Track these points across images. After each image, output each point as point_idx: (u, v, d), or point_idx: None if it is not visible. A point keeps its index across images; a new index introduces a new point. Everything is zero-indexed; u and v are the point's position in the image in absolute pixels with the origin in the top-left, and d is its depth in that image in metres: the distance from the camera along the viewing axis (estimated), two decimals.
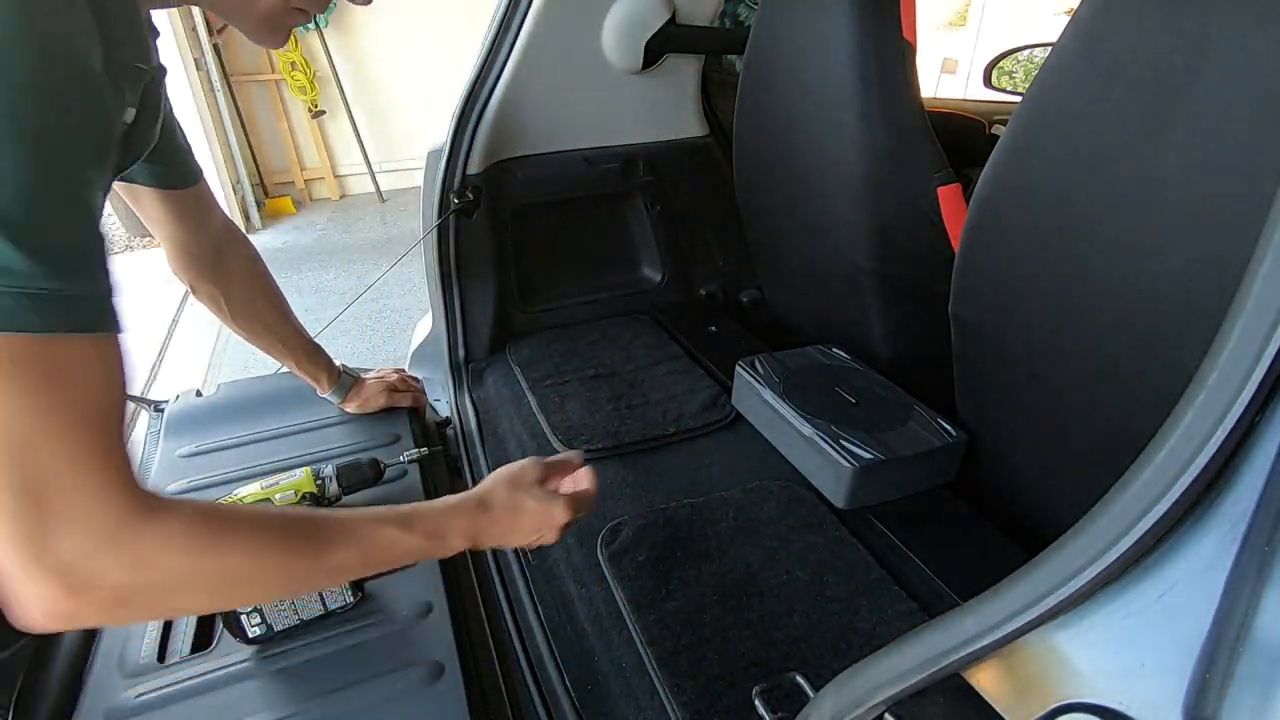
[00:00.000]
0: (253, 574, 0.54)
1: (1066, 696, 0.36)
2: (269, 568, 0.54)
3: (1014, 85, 1.93)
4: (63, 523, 0.44)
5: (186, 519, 0.49)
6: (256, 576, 0.54)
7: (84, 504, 0.44)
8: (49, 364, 0.42)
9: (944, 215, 1.10)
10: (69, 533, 0.44)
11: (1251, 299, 0.30)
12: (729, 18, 1.74)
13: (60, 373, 0.43)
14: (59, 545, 0.43)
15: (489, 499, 0.72)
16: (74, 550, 0.44)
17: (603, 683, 0.81)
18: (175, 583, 0.49)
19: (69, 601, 0.44)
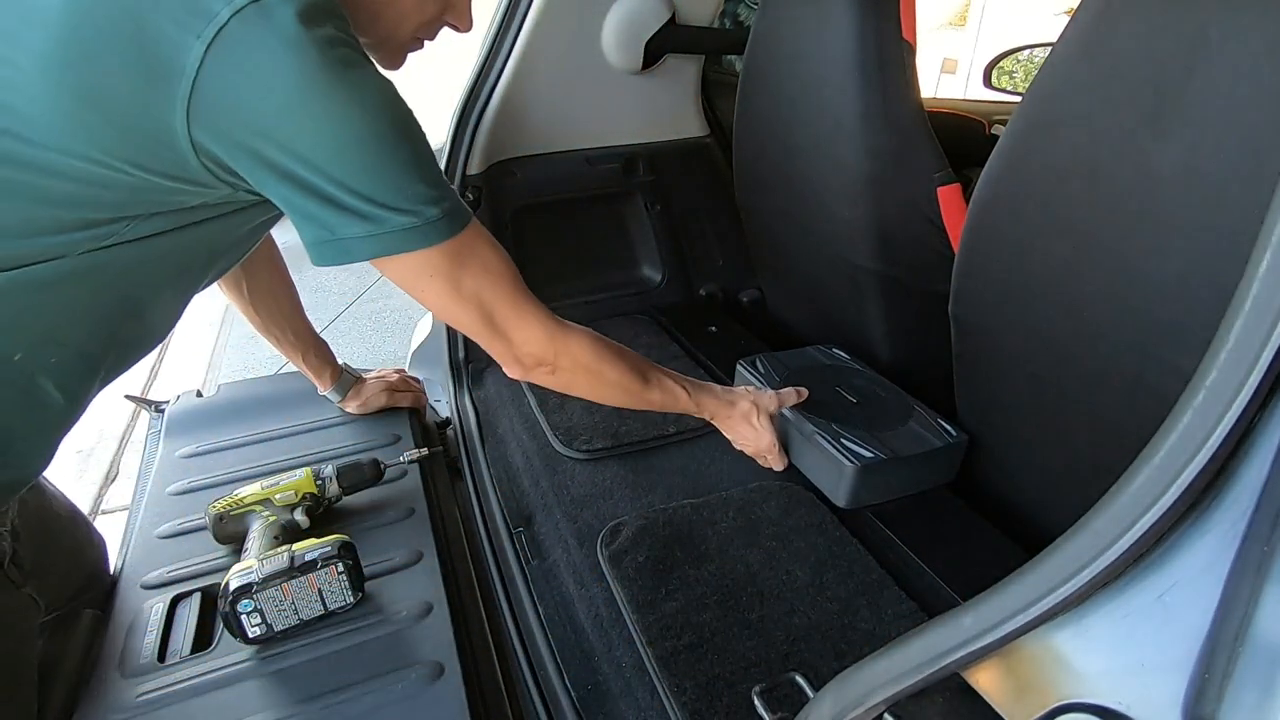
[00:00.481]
0: (614, 381, 0.86)
1: (1066, 696, 0.36)
2: (618, 382, 0.87)
3: (1014, 85, 1.93)
4: (517, 332, 0.75)
5: (587, 335, 0.83)
6: (616, 384, 0.86)
7: (526, 321, 0.75)
8: (472, 247, 0.69)
9: (944, 215, 1.10)
10: (522, 337, 0.76)
11: (1250, 299, 0.30)
12: (729, 18, 1.74)
13: (476, 251, 0.69)
14: (522, 347, 0.76)
15: (737, 404, 1.01)
16: (526, 346, 0.76)
17: (602, 683, 0.82)
18: (580, 371, 0.82)
19: (532, 374, 0.80)
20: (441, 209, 0.64)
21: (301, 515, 0.95)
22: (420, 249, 0.64)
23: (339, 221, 0.60)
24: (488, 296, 0.71)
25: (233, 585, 0.79)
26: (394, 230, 0.61)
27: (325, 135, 0.57)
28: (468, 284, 0.69)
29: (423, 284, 0.68)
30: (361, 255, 0.62)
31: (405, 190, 0.61)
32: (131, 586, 0.91)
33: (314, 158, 0.57)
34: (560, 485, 1.09)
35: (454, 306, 0.70)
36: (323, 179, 0.58)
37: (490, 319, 0.73)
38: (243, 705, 0.76)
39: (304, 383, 1.22)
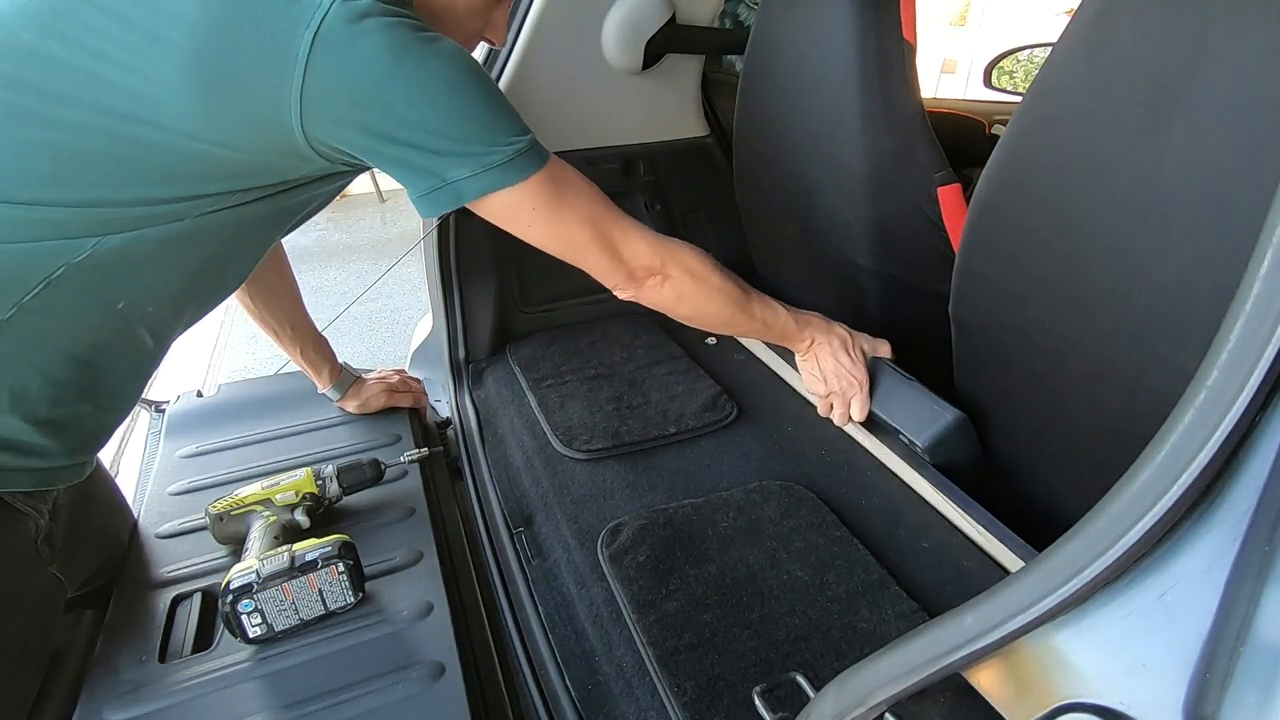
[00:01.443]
0: (721, 289, 0.89)
1: (1067, 696, 0.36)
2: (728, 292, 0.90)
3: (1014, 85, 1.93)
4: (630, 247, 0.80)
5: (691, 248, 0.86)
6: (724, 293, 0.89)
7: (633, 235, 0.80)
8: (564, 174, 0.74)
9: (944, 215, 1.10)
10: (634, 252, 0.81)
11: (1251, 299, 0.30)
12: (729, 18, 1.74)
13: (568, 176, 0.75)
14: (631, 261, 0.81)
15: (835, 327, 1.03)
16: (639, 261, 0.81)
17: (603, 683, 0.81)
18: (688, 279, 0.85)
19: (645, 287, 0.84)
20: (528, 142, 0.70)
21: (302, 515, 0.95)
22: (521, 180, 0.70)
23: (445, 166, 0.66)
24: (592, 214, 0.76)
25: (233, 585, 0.79)
26: (495, 165, 0.68)
27: (421, 92, 0.64)
28: (571, 206, 0.74)
29: (531, 216, 0.72)
30: (471, 193, 0.68)
31: (496, 131, 0.68)
32: (132, 586, 0.91)
33: (414, 115, 0.64)
34: (561, 485, 1.09)
35: (564, 230, 0.75)
36: (425, 132, 0.65)
37: (601, 236, 0.77)
38: (243, 705, 0.76)
39: (304, 383, 1.22)
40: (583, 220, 0.76)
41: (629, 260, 0.80)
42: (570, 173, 0.76)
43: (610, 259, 0.79)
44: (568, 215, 0.74)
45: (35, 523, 0.73)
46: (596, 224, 0.77)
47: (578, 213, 0.75)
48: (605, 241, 0.78)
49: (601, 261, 0.79)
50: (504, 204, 0.71)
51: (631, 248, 0.80)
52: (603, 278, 0.81)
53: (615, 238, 0.79)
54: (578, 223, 0.76)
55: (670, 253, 0.83)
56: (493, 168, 0.68)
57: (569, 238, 0.76)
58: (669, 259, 0.83)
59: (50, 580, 0.77)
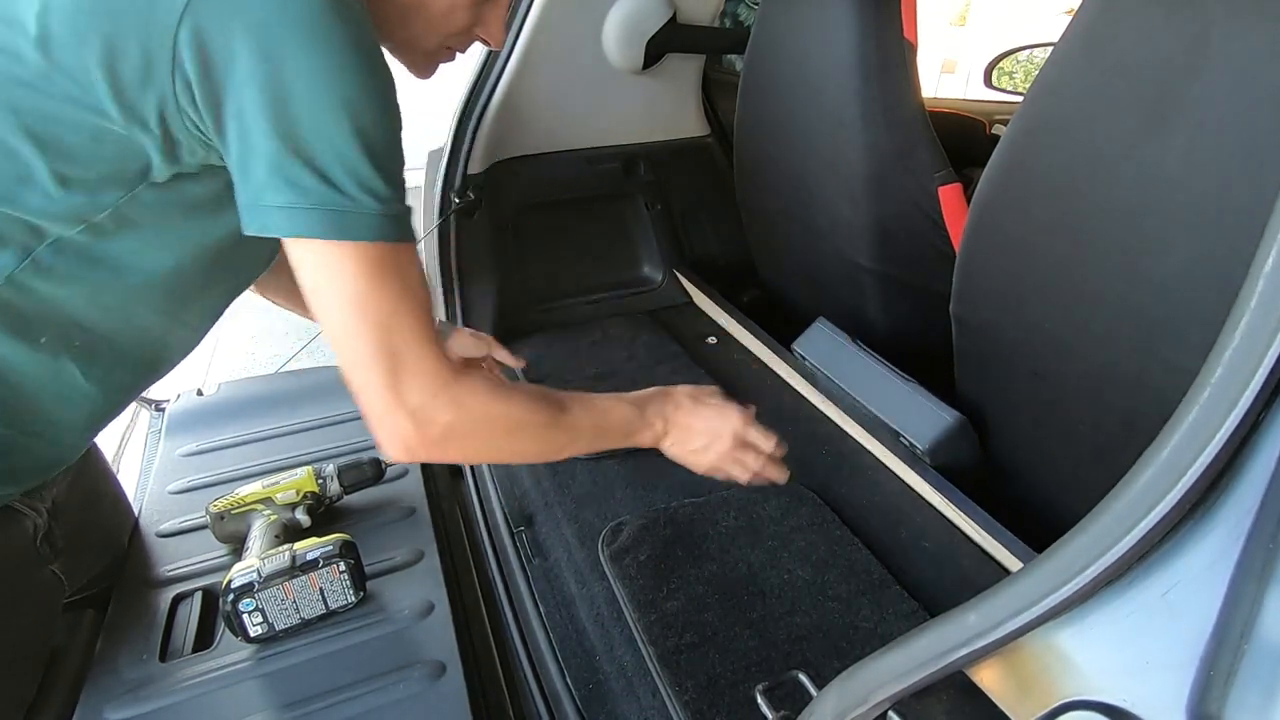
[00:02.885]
0: (526, 422, 0.70)
1: (1070, 694, 0.36)
2: (538, 422, 0.71)
3: (1014, 85, 1.93)
4: (413, 377, 0.61)
5: (484, 378, 0.68)
6: (530, 427, 0.70)
7: (424, 363, 0.62)
8: (398, 264, 0.60)
9: (945, 215, 1.10)
10: (417, 385, 0.62)
11: (1255, 297, 0.30)
12: (729, 18, 1.74)
13: (404, 271, 0.60)
14: (409, 394, 0.61)
15: (671, 391, 0.83)
16: (418, 397, 0.62)
17: (604, 682, 0.81)
18: (480, 423, 0.67)
19: (416, 436, 0.62)
20: (385, 208, 0.57)
21: (303, 514, 0.95)
22: (340, 239, 0.56)
23: (267, 182, 0.54)
24: (396, 323, 0.60)
25: (234, 584, 0.79)
26: (318, 207, 0.54)
27: (301, 65, 0.51)
28: (380, 302, 0.59)
29: (329, 285, 0.58)
30: (275, 230, 0.55)
31: (350, 166, 0.54)
32: (132, 585, 0.91)
33: (279, 82, 0.51)
34: (561, 484, 1.09)
35: (354, 322, 0.59)
36: (274, 120, 0.52)
37: (387, 350, 0.60)
38: (244, 704, 0.76)
39: (305, 381, 1.22)
40: (382, 325, 0.59)
41: (409, 394, 0.62)
42: (413, 269, 0.62)
43: (388, 382, 0.61)
44: (370, 310, 0.59)
45: (33, 522, 0.73)
46: (395, 335, 0.60)
47: (382, 313, 0.59)
48: (390, 360, 0.61)
49: (374, 381, 0.61)
50: (308, 254, 0.57)
51: (418, 378, 0.62)
52: (370, 412, 0.63)
53: (406, 361, 0.61)
54: (375, 325, 0.59)
55: (458, 389, 0.64)
56: (312, 209, 0.54)
57: (354, 335, 0.59)
58: (455, 397, 0.64)
59: (50, 579, 0.76)
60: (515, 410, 0.69)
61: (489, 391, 0.67)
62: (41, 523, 0.74)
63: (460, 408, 0.65)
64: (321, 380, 1.32)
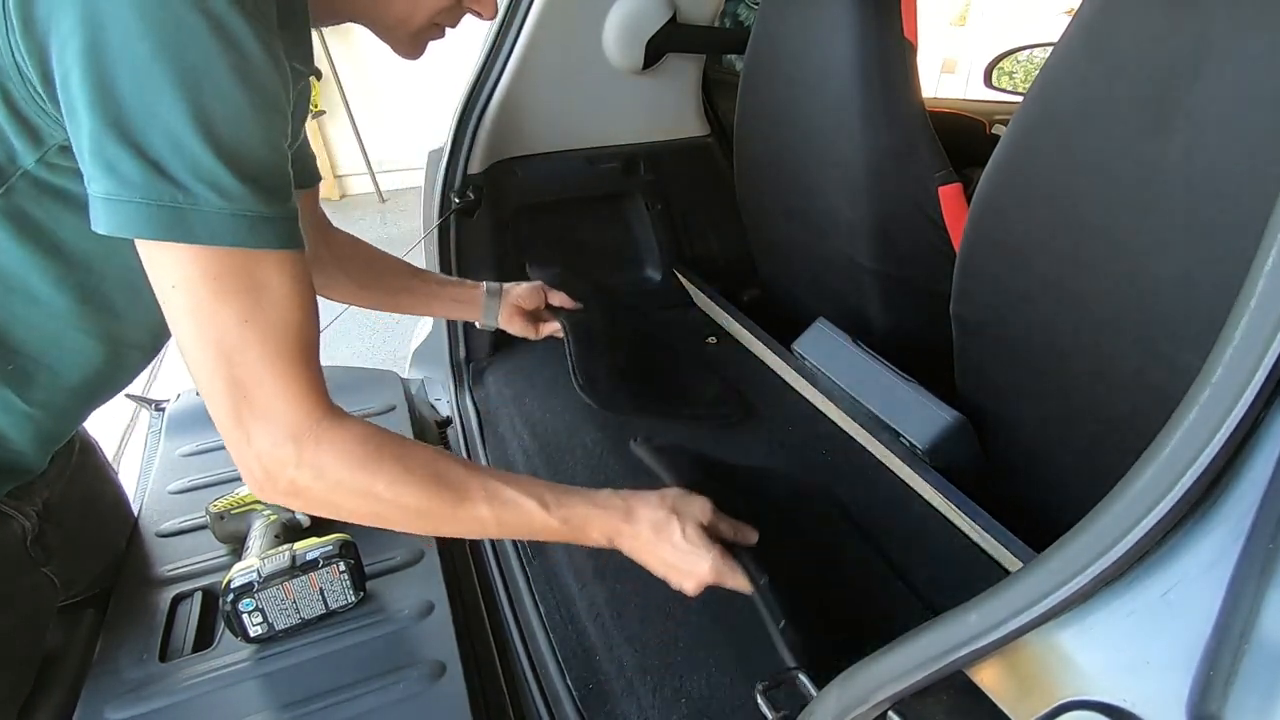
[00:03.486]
0: (393, 503, 0.59)
1: (1070, 694, 0.36)
2: (408, 504, 0.59)
3: (1014, 85, 1.93)
4: (259, 418, 0.53)
5: (356, 437, 0.57)
6: (396, 506, 0.59)
7: (275, 404, 0.53)
8: (253, 277, 0.50)
9: (945, 215, 1.10)
10: (263, 427, 0.53)
11: (1256, 296, 0.30)
12: (729, 18, 1.74)
13: (262, 285, 0.51)
14: (255, 436, 0.53)
15: (638, 513, 0.69)
16: (264, 442, 0.53)
17: (604, 681, 0.81)
18: (336, 491, 0.57)
19: (264, 482, 0.55)
20: (233, 206, 0.48)
21: (303, 514, 0.95)
22: (170, 241, 0.47)
23: (94, 166, 0.45)
24: (242, 350, 0.51)
25: (234, 584, 0.79)
26: (145, 201, 0.45)
27: (129, 25, 0.42)
28: (222, 321, 0.50)
29: (168, 293, 0.50)
30: (100, 224, 0.47)
31: (186, 152, 0.45)
32: (132, 585, 0.91)
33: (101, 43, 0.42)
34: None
35: (195, 341, 0.51)
36: (99, 94, 0.43)
37: (230, 380, 0.51)
38: (244, 704, 0.76)
39: None
40: (222, 353, 0.51)
41: (253, 439, 0.54)
42: (280, 284, 0.52)
43: (235, 426, 0.53)
44: (208, 328, 0.50)
45: (20, 525, 0.71)
46: (237, 369, 0.51)
47: (222, 336, 0.50)
48: (235, 398, 0.52)
49: (221, 420, 0.54)
50: (147, 254, 0.49)
51: (264, 424, 0.53)
52: (228, 446, 0.56)
53: (252, 400, 0.52)
54: (214, 350, 0.51)
55: (318, 443, 0.55)
56: (135, 203, 0.46)
57: (199, 357, 0.51)
58: (309, 460, 0.55)
59: (42, 582, 0.75)
60: (383, 487, 0.58)
61: (356, 455, 0.56)
62: (30, 526, 0.73)
63: (312, 470, 0.55)
64: None
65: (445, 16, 0.67)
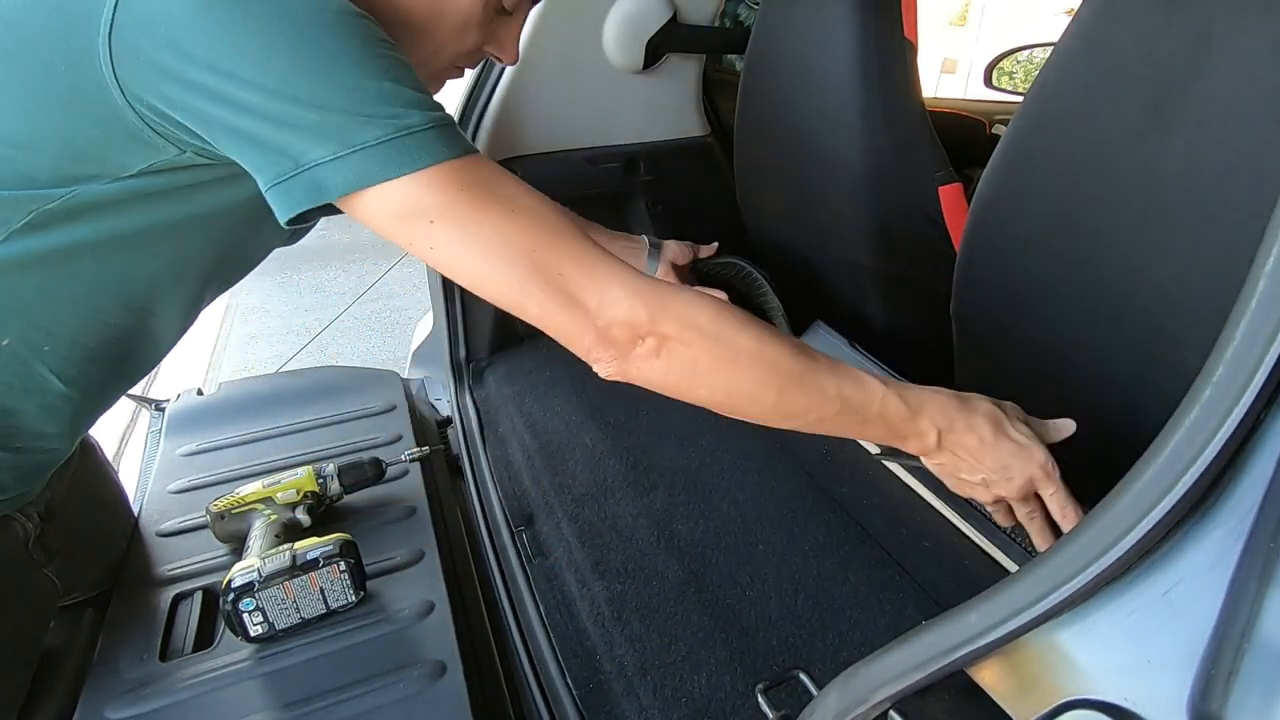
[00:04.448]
0: (755, 355, 0.57)
1: (1071, 693, 0.36)
2: (767, 356, 0.57)
3: (1014, 85, 1.94)
4: (598, 282, 0.52)
5: (704, 294, 0.57)
6: (757, 360, 0.57)
7: (603, 265, 0.53)
8: (489, 176, 0.52)
9: (945, 215, 1.11)
10: (607, 289, 0.53)
11: (1255, 297, 0.31)
12: (729, 18, 1.74)
13: (498, 181, 0.52)
14: (604, 303, 0.53)
15: (974, 403, 0.65)
16: (619, 305, 0.53)
17: (604, 681, 0.81)
18: (700, 340, 0.55)
19: (627, 346, 0.54)
20: (429, 119, 0.49)
21: (303, 514, 0.95)
22: (409, 172, 0.48)
23: (299, 144, 0.47)
24: (533, 240, 0.51)
25: (235, 584, 0.79)
26: (367, 145, 0.47)
27: (256, 29, 0.46)
28: (497, 225, 0.50)
29: (430, 232, 0.50)
30: (336, 185, 0.47)
31: (372, 95, 0.47)
32: (132, 584, 0.91)
33: (241, 63, 0.46)
34: (562, 484, 1.09)
35: (487, 258, 0.50)
36: (258, 90, 0.46)
37: (545, 272, 0.51)
38: (244, 704, 0.76)
39: (305, 381, 1.22)
40: (515, 248, 0.51)
41: (601, 313, 0.53)
42: (503, 177, 0.53)
43: (566, 309, 0.52)
44: (490, 237, 0.50)
45: (23, 526, 0.72)
46: (538, 255, 0.51)
47: (506, 235, 0.50)
48: (553, 282, 0.51)
49: (551, 313, 0.52)
50: (388, 207, 0.49)
51: (601, 293, 0.53)
52: (561, 337, 0.54)
53: (572, 276, 0.52)
54: (507, 250, 0.50)
55: (665, 302, 0.54)
56: (363, 147, 0.47)
57: (496, 272, 0.51)
58: (663, 312, 0.54)
59: (43, 583, 0.76)
60: (744, 339, 0.56)
61: (710, 311, 0.56)
62: (32, 527, 0.73)
63: (670, 316, 0.54)
64: (321, 380, 1.33)
65: (466, 59, 0.68)
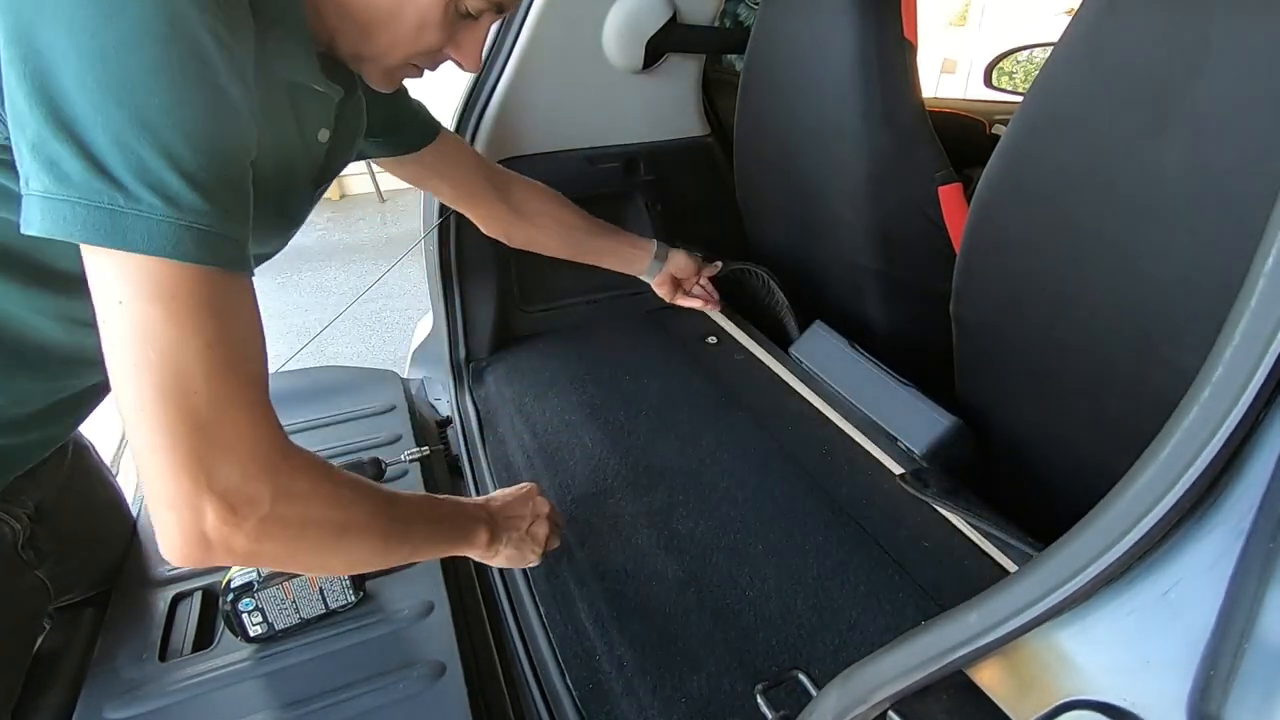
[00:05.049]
0: (359, 521, 0.58)
1: (1070, 693, 0.36)
2: (373, 514, 0.59)
3: (1014, 85, 1.93)
4: (224, 450, 0.47)
5: (315, 461, 0.55)
6: (363, 524, 0.58)
7: (243, 433, 0.48)
8: (211, 297, 0.46)
9: (944, 215, 1.11)
10: (230, 460, 0.47)
11: (1255, 297, 0.30)
12: (729, 18, 1.74)
13: (221, 307, 0.46)
14: (221, 471, 0.47)
15: (491, 496, 0.85)
16: (234, 476, 0.47)
17: (604, 681, 0.81)
18: (308, 521, 0.53)
19: (220, 528, 0.48)
20: (182, 217, 0.43)
21: None
22: (113, 248, 0.42)
23: (32, 164, 0.41)
24: (199, 374, 0.45)
25: (234, 584, 0.79)
26: (84, 202, 0.41)
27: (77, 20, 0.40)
28: (174, 341, 0.44)
29: (110, 310, 0.44)
30: (33, 225, 0.42)
31: (131, 147, 0.41)
32: (132, 584, 0.91)
33: (45, 52, 0.40)
34: (562, 484, 1.09)
35: (139, 372, 0.44)
36: (36, 88, 0.40)
37: (186, 411, 0.45)
38: (244, 704, 0.76)
39: (305, 381, 1.21)
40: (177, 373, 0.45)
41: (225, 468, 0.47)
42: (240, 308, 0.48)
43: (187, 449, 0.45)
44: (159, 348, 0.44)
45: (10, 528, 0.72)
46: (200, 391, 0.45)
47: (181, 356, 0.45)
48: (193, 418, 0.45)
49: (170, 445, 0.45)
50: (93, 264, 0.44)
51: (240, 448, 0.48)
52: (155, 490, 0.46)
53: (219, 426, 0.46)
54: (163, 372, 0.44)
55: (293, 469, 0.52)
56: (77, 203, 0.41)
57: (135, 384, 0.44)
58: (289, 479, 0.51)
59: (34, 584, 0.75)
60: (347, 501, 0.56)
61: (322, 476, 0.54)
62: (21, 529, 0.73)
63: (289, 498, 0.50)
64: (321, 380, 1.33)
65: (423, 59, 0.65)
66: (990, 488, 1.07)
